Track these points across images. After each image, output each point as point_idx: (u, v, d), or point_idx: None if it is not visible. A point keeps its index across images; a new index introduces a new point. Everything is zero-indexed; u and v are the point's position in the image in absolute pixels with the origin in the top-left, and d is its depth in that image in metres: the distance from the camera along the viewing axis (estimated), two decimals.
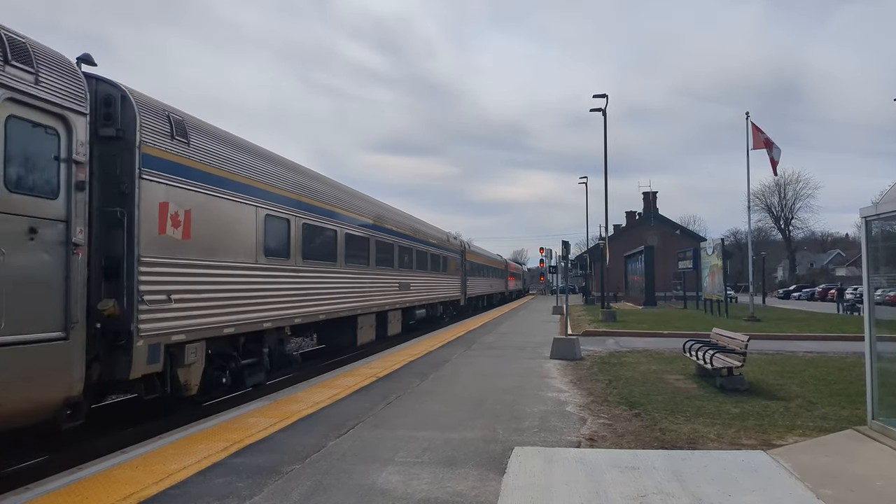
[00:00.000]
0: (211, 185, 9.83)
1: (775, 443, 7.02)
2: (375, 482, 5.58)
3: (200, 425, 7.82)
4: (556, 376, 11.85)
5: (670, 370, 12.63)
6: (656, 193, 69.55)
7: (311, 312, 13.21)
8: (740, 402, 9.32)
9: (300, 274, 12.75)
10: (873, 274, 7.23)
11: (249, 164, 11.20)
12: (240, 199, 10.64)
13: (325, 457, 6.38)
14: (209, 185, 9.79)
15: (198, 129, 9.83)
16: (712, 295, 33.86)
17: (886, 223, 7.00)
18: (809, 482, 5.48)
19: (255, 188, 11.17)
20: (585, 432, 7.51)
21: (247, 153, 11.33)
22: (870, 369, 7.05)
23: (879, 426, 6.90)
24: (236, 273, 10.44)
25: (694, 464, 6.08)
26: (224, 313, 10.00)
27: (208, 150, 9.91)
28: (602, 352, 16.08)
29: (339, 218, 15.15)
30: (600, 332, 22.17)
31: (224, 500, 5.16)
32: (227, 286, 10.16)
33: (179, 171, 9.03)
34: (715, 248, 34.16)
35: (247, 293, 10.69)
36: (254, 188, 11.15)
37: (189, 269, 9.15)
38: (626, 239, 62.77)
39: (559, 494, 5.22)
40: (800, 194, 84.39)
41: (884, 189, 48.74)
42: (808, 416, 8.43)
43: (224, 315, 10.00)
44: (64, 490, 5.37)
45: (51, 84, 6.84)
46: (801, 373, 12.36)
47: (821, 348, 17.03)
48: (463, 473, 5.82)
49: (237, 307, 10.38)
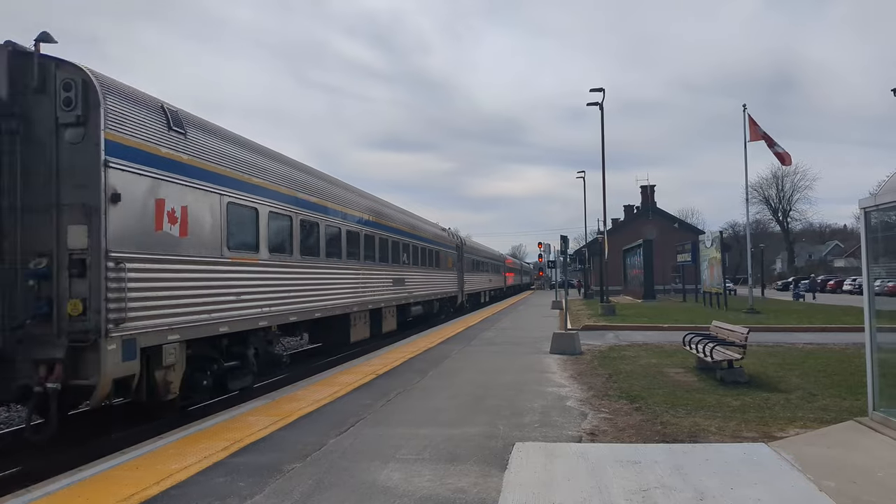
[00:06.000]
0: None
1: (776, 435, 7.01)
2: (377, 480, 5.57)
3: (200, 425, 7.81)
4: (556, 371, 11.85)
5: (670, 364, 12.63)
6: (654, 187, 69.46)
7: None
8: (741, 395, 9.32)
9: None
10: (872, 264, 7.22)
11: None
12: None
13: (326, 455, 6.37)
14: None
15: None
16: (711, 288, 33.87)
17: (885, 214, 6.98)
18: (811, 474, 5.47)
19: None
20: (586, 427, 7.51)
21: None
22: (870, 360, 7.03)
23: (880, 417, 6.89)
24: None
25: (695, 457, 6.07)
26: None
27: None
28: (602, 346, 16.08)
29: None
30: (600, 326, 22.18)
31: (225, 499, 5.15)
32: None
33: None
34: (713, 240, 34.16)
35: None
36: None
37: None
38: (624, 233, 62.72)
39: (561, 490, 5.21)
40: (798, 186, 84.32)
41: (882, 180, 48.74)
42: (808, 408, 8.43)
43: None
44: (65, 491, 5.36)
45: None
46: (801, 364, 12.37)
47: (821, 339, 17.04)
48: (464, 470, 5.81)
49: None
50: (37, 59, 7.45)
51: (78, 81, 7.47)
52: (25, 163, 7.44)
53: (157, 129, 8.58)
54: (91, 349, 7.26)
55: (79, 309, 7.25)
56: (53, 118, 7.45)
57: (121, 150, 7.81)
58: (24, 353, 7.25)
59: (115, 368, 7.49)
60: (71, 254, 7.35)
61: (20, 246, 7.40)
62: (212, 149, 9.80)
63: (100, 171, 7.46)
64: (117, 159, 7.73)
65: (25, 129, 7.47)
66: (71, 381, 7.22)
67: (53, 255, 7.33)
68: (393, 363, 12.93)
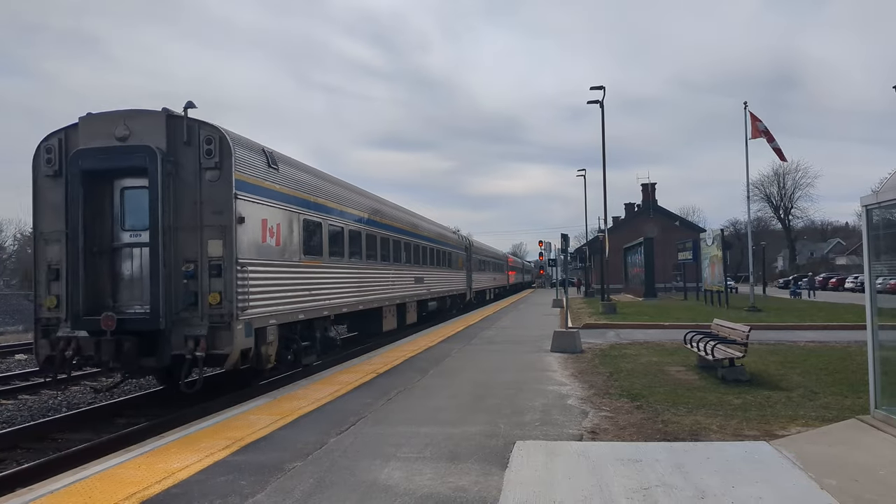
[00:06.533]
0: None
1: (778, 433, 7.01)
2: (378, 478, 5.57)
3: (202, 424, 7.82)
4: (556, 369, 11.85)
5: (671, 362, 12.63)
6: (655, 185, 69.33)
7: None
8: (742, 393, 9.31)
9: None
10: (874, 262, 7.21)
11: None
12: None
13: (327, 454, 6.37)
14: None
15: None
16: (712, 286, 33.84)
17: (887, 211, 6.97)
18: (813, 472, 5.47)
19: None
20: (587, 425, 7.50)
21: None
22: (872, 358, 7.02)
23: (882, 415, 6.88)
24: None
25: (696, 455, 6.07)
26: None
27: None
28: (603, 344, 16.08)
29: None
30: (601, 324, 22.18)
31: (227, 498, 5.15)
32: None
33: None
34: (714, 238, 34.13)
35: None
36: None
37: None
38: (625, 231, 62.63)
39: (561, 488, 5.21)
40: (799, 183, 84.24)
41: (883, 177, 48.73)
42: (810, 406, 8.42)
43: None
44: (67, 490, 5.36)
45: None
46: (802, 362, 12.36)
47: (822, 337, 17.03)
48: (465, 468, 5.81)
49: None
50: (186, 122, 10.11)
51: (216, 137, 10.18)
52: (178, 195, 10.13)
53: (262, 168, 11.28)
54: (226, 328, 9.95)
55: (217, 300, 9.93)
56: (198, 163, 10.13)
57: (243, 185, 10.48)
58: (178, 331, 9.93)
59: (241, 342, 10.15)
60: (210, 260, 10.06)
61: (175, 255, 10.05)
62: (293, 178, 12.58)
63: (231, 202, 10.14)
64: (241, 192, 10.41)
65: (177, 172, 10.13)
66: (211, 350, 9.87)
67: (198, 261, 10.05)
68: (393, 362, 12.94)
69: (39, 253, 10.56)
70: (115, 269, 10.47)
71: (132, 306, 10.31)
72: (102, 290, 10.30)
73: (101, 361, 10.05)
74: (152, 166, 9.85)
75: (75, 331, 10.03)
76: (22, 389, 13.69)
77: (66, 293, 10.10)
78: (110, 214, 10.45)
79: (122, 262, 10.50)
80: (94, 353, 9.93)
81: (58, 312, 10.24)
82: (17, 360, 19.29)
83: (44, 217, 10.57)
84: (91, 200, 10.19)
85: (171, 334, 9.91)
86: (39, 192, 10.62)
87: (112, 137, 10.07)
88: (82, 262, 10.00)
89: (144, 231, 10.14)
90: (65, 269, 10.17)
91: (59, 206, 10.32)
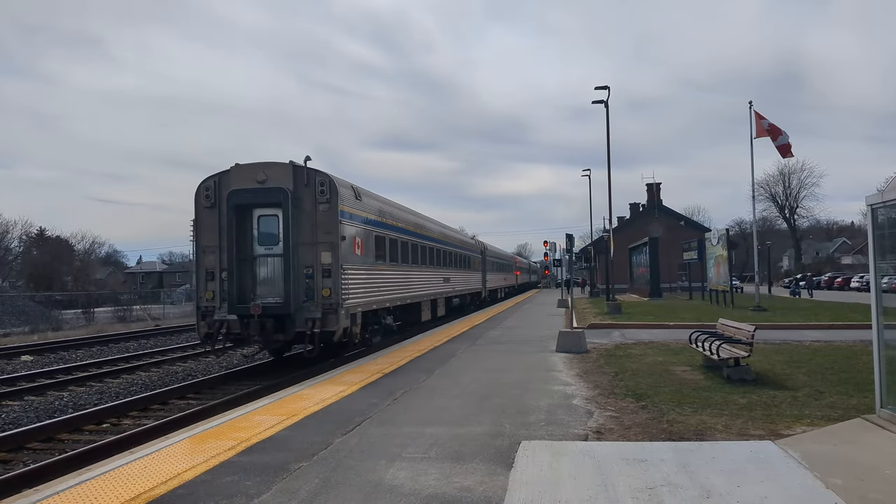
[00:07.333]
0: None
1: (783, 433, 6.99)
2: (383, 478, 5.58)
3: (207, 424, 7.85)
4: (562, 369, 11.84)
5: (677, 361, 12.61)
6: (660, 185, 69.32)
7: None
8: (747, 393, 9.29)
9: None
10: (880, 261, 7.19)
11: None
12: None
13: (332, 454, 6.39)
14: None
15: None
16: (718, 285, 33.75)
17: (892, 210, 6.95)
18: (818, 471, 5.46)
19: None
20: (592, 425, 7.50)
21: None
22: (878, 358, 7.01)
23: (888, 414, 6.86)
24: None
25: (702, 455, 6.06)
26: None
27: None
28: (608, 344, 16.07)
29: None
30: (606, 324, 22.15)
31: (232, 498, 5.17)
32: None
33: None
34: (720, 238, 34.04)
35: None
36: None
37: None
38: (630, 231, 62.59)
39: (567, 488, 5.21)
40: (804, 183, 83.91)
41: (889, 176, 48.56)
42: (815, 406, 8.40)
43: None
44: (73, 491, 5.38)
45: None
46: (808, 362, 12.33)
47: (828, 337, 16.97)
48: (470, 468, 5.82)
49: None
50: (305, 170, 13.92)
51: (327, 181, 13.91)
52: (299, 221, 13.78)
53: (352, 199, 15.13)
54: (334, 313, 13.64)
55: (328, 293, 13.62)
56: (314, 199, 13.86)
57: (343, 213, 14.22)
58: (300, 315, 13.53)
59: (343, 323, 13.85)
60: (323, 266, 13.73)
61: (297, 262, 13.69)
62: (369, 205, 16.50)
63: (337, 225, 13.92)
64: (342, 218, 14.15)
65: (300, 205, 13.84)
66: (324, 328, 13.52)
67: (314, 267, 13.74)
68: (399, 362, 12.96)
69: (200, 260, 14.18)
70: (254, 272, 14.13)
71: (266, 298, 13.83)
72: (246, 286, 13.96)
73: (248, 336, 13.79)
74: (284, 201, 13.66)
75: (227, 315, 13.70)
76: (28, 391, 13.80)
77: (220, 289, 13.88)
78: (251, 234, 14.12)
79: (258, 267, 14.17)
80: (240, 330, 13.74)
81: (213, 302, 13.97)
82: (23, 362, 19.34)
83: (203, 236, 14.20)
84: (240, 224, 13.89)
85: (295, 317, 13.48)
86: (199, 218, 14.30)
87: (254, 181, 13.88)
88: (235, 266, 13.67)
89: (275, 245, 14.00)
90: (218, 272, 13.93)
91: (214, 228, 14.05)
